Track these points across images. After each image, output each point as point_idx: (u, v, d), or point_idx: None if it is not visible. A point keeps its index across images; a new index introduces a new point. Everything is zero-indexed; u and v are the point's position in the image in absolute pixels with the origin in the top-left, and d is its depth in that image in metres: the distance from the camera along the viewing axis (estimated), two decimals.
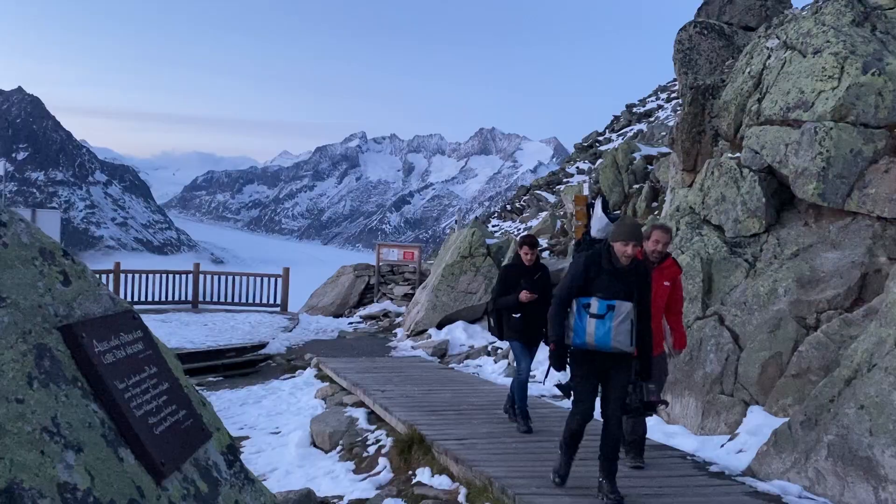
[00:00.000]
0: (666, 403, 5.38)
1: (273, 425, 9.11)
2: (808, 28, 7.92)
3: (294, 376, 11.86)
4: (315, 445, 8.07)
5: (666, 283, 5.72)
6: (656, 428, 7.15)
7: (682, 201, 8.86)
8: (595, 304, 4.70)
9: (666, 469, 5.57)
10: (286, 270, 19.27)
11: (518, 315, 7.02)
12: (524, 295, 6.92)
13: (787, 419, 5.65)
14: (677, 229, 8.37)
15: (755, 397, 6.56)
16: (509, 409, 7.43)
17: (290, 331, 15.87)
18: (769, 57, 8.36)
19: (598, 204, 5.65)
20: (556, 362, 4.96)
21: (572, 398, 4.97)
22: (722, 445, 6.26)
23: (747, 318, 6.96)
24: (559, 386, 4.96)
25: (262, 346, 13.79)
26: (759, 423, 6.12)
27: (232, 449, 2.35)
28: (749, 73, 8.56)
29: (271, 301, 18.95)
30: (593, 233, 5.56)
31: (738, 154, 8.17)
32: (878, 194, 6.55)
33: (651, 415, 5.25)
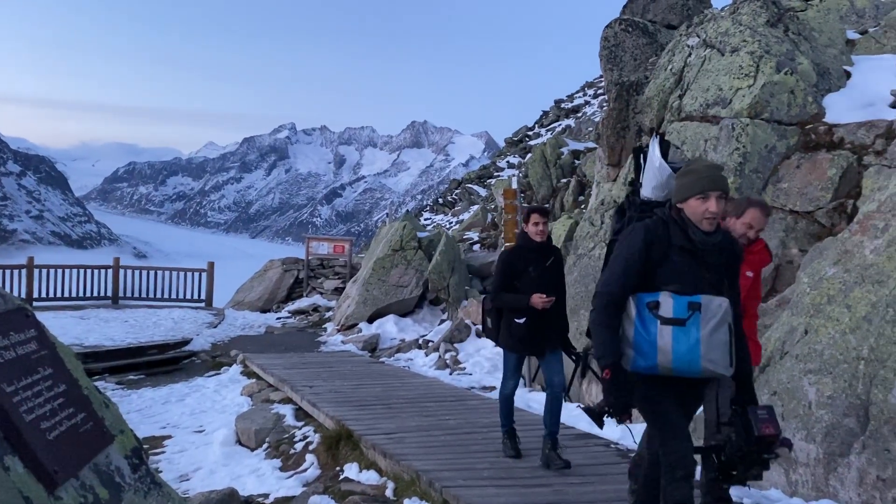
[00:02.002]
0: (790, 445, 3.37)
1: (197, 424, 8.91)
2: (727, 27, 8.18)
3: (219, 373, 11.63)
4: (240, 443, 7.94)
5: (748, 274, 4.18)
6: (582, 417, 7.26)
7: (607, 195, 9.04)
8: (668, 303, 3.10)
9: (591, 457, 5.68)
10: (211, 265, 18.79)
11: (522, 320, 5.39)
12: (537, 299, 5.23)
13: None
14: (602, 222, 8.53)
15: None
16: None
17: (216, 327, 15.51)
18: (690, 55, 8.59)
19: (655, 146, 3.63)
20: (618, 400, 3.13)
21: (655, 439, 3.33)
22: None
23: None
24: (589, 410, 3.27)
25: (186, 342, 13.42)
26: None
27: (137, 452, 2.24)
28: (671, 70, 8.78)
29: (196, 296, 18.46)
30: (647, 192, 3.63)
31: None
32: (790, 188, 6.83)
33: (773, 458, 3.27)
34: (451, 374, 10.60)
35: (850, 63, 8.10)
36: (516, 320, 5.40)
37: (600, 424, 3.26)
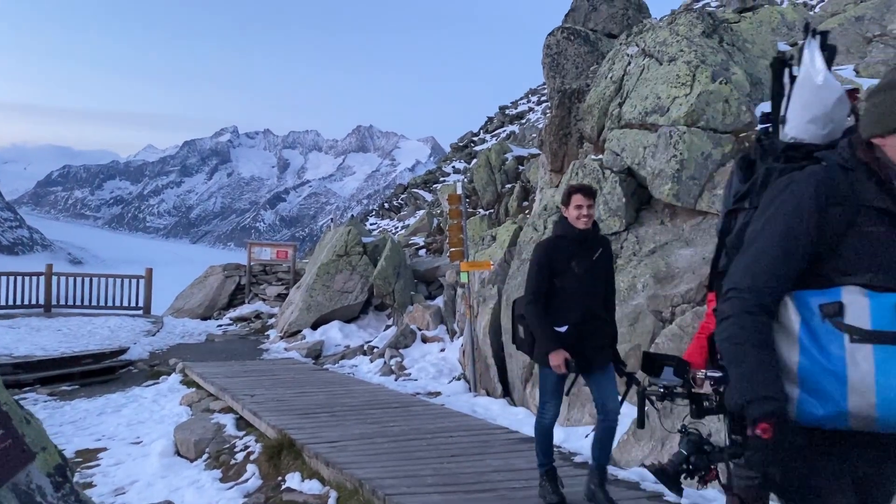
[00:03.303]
0: None
1: (134, 435, 8.67)
2: (665, 37, 8.38)
3: (157, 383, 11.35)
4: (179, 454, 7.78)
5: None
6: (526, 421, 7.34)
7: (550, 201, 9.14)
8: (861, 305, 1.83)
9: (534, 461, 5.66)
10: (149, 271, 18.30)
11: (564, 328, 4.39)
12: (557, 359, 4.26)
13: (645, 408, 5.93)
14: (545, 228, 8.62)
15: (617, 388, 6.85)
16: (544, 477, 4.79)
17: (154, 335, 15.09)
18: (629, 63, 8.77)
19: (814, 49, 2.18)
20: (769, 472, 1.88)
21: None
22: (586, 436, 6.49)
23: None
24: (660, 472, 2.08)
25: (123, 351, 13.03)
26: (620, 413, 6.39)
27: (61, 470, 2.15)
28: (611, 78, 8.95)
29: (133, 304, 17.93)
30: (796, 128, 2.16)
31: (600, 156, 8.52)
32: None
33: None
34: (396, 380, 10.55)
35: None
36: (556, 328, 4.38)
37: (678, 490, 2.05)
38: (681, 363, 2.38)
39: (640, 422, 2.46)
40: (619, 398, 4.43)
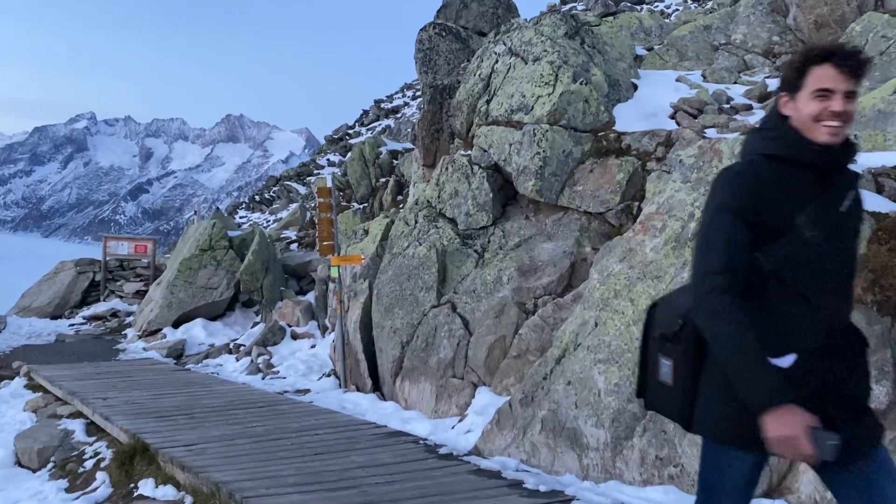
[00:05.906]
0: None
1: None
2: (530, 37, 8.60)
3: None
4: (20, 465, 7.29)
5: None
6: (394, 415, 7.34)
7: (422, 195, 9.17)
8: None
9: (399, 455, 5.70)
10: None
11: (790, 361, 2.03)
12: (789, 425, 1.87)
13: (508, 398, 6.08)
14: (416, 222, 8.65)
15: (482, 379, 6.99)
16: None
17: None
18: (497, 62, 8.94)
19: None
20: None
21: None
22: (453, 427, 6.58)
23: (476, 305, 7.40)
24: None
25: None
26: (485, 404, 6.53)
27: None
28: (479, 75, 9.09)
29: None
30: None
31: (469, 152, 8.63)
32: (584, 191, 7.31)
33: None
34: (263, 378, 10.25)
35: (638, 76, 8.84)
36: (775, 361, 2.02)
37: None
38: None
39: None
40: None
